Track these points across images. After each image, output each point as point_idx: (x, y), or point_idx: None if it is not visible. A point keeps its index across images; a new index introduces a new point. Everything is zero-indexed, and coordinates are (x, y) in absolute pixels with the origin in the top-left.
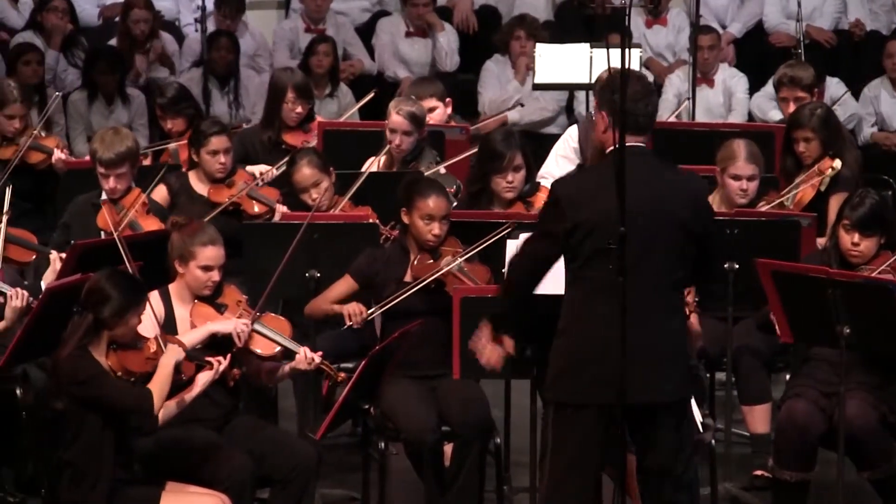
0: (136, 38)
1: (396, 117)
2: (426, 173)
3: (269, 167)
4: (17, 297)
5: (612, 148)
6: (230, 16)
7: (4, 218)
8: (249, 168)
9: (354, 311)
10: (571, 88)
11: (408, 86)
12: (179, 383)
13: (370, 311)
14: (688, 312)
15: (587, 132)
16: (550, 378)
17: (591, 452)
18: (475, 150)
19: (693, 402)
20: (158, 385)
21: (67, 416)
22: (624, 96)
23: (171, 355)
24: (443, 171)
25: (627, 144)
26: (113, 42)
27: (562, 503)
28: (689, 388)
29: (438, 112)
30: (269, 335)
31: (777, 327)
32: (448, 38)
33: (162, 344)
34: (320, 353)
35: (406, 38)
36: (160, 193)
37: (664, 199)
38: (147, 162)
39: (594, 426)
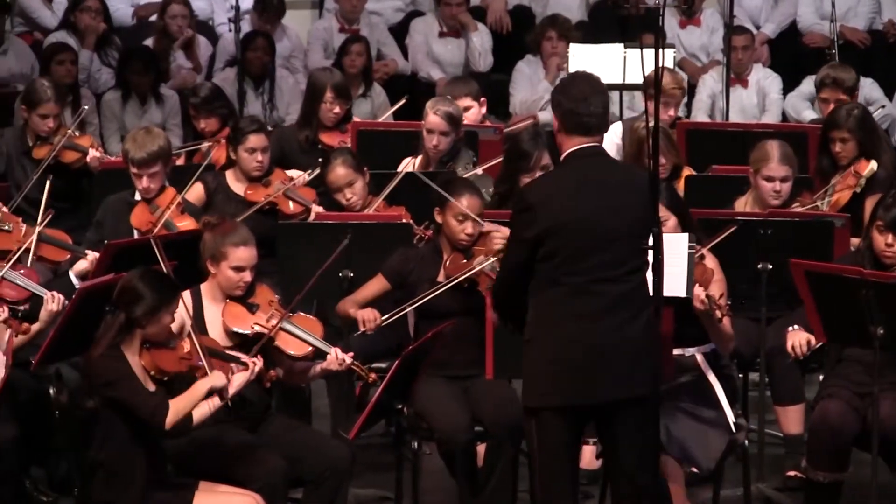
0: (174, 35)
1: (434, 117)
2: (463, 175)
3: (301, 173)
4: (54, 301)
5: (567, 152)
6: (270, 20)
7: (41, 218)
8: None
9: (368, 318)
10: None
11: (442, 86)
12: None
13: (384, 318)
14: (720, 315)
15: (625, 134)
16: (524, 386)
17: (565, 455)
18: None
19: (725, 401)
20: (182, 402)
21: (99, 417)
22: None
23: (211, 381)
24: (480, 172)
25: (580, 146)
26: (148, 42)
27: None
28: (653, 385)
29: (473, 111)
30: (301, 335)
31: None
32: (482, 39)
33: (196, 345)
34: (351, 353)
35: (439, 38)
36: (197, 193)
37: (624, 198)
38: (180, 162)
39: (564, 428)
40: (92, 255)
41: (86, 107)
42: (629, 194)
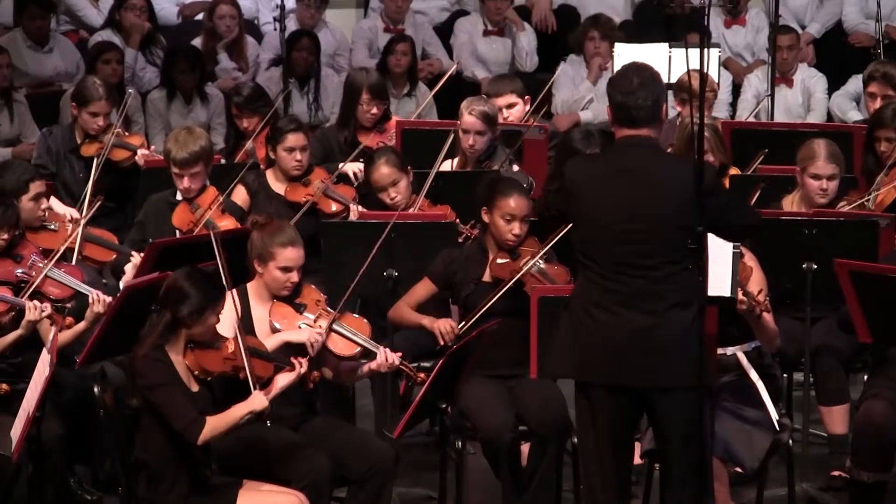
0: (222, 35)
1: (469, 117)
2: (500, 171)
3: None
4: (99, 302)
5: (616, 140)
6: (314, 5)
7: (85, 215)
8: (343, 168)
9: (445, 330)
10: None
11: (486, 83)
12: (262, 382)
13: (461, 326)
14: (759, 312)
15: (668, 131)
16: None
17: (609, 435)
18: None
19: (769, 401)
20: (220, 423)
21: (142, 416)
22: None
23: (251, 405)
24: (516, 168)
25: (625, 135)
26: (195, 41)
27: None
28: (696, 378)
29: (517, 109)
30: (349, 335)
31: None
32: (526, 38)
33: (241, 345)
34: (399, 353)
35: (484, 37)
36: (240, 193)
37: (662, 189)
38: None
39: (609, 406)
40: (136, 258)
41: (130, 90)
42: (671, 187)
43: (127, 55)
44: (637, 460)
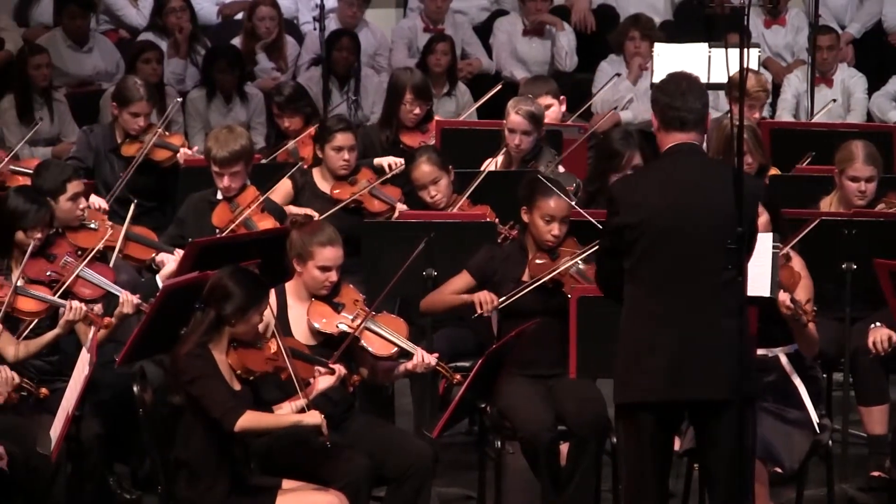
0: (262, 36)
1: (515, 117)
2: (545, 172)
3: (400, 160)
4: (127, 304)
5: (663, 150)
6: (356, 4)
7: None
8: (377, 161)
9: (486, 299)
10: None
11: (522, 84)
12: (303, 383)
13: (502, 300)
14: (806, 321)
15: (713, 131)
16: (615, 380)
17: (652, 453)
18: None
19: (809, 402)
20: (260, 420)
21: (183, 415)
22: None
23: (303, 418)
24: (561, 169)
25: (674, 143)
26: (235, 41)
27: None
28: (748, 388)
29: (553, 110)
30: (386, 335)
31: None
32: (566, 38)
33: (282, 346)
34: (436, 353)
35: (523, 36)
36: (285, 189)
37: (715, 196)
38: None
39: (652, 426)
40: (177, 254)
41: (179, 99)
42: (720, 194)
43: (175, 65)
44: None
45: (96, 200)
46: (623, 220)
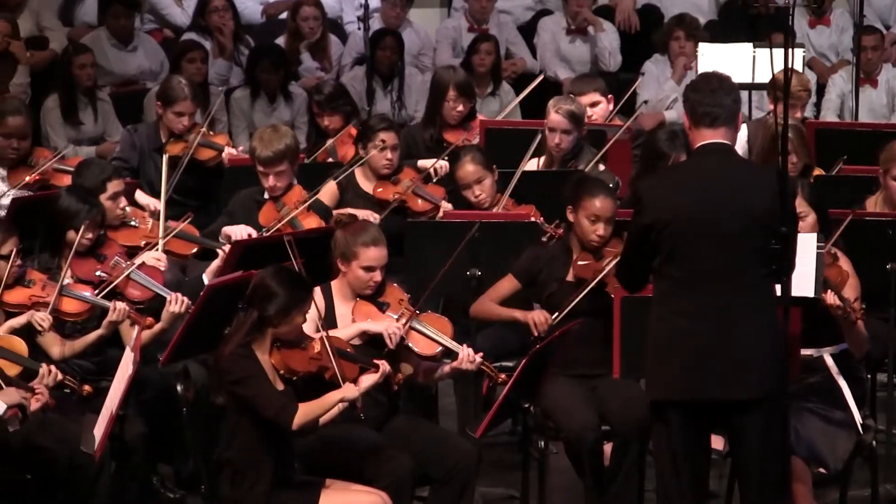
0: (306, 36)
1: (555, 116)
2: (586, 170)
3: (445, 163)
4: (176, 303)
5: (694, 149)
6: (399, 4)
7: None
8: (421, 163)
9: (540, 320)
10: None
11: (569, 83)
12: (346, 380)
13: (554, 317)
14: (854, 318)
15: (758, 130)
16: (646, 377)
17: (682, 450)
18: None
19: (853, 402)
20: (313, 408)
21: (227, 415)
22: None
23: (343, 392)
24: (602, 168)
25: (705, 142)
26: (279, 40)
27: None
28: (777, 386)
29: (601, 107)
30: (430, 334)
31: None
32: (609, 38)
33: (327, 345)
34: (481, 353)
35: (567, 36)
36: (331, 191)
37: (744, 195)
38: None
39: (681, 424)
40: (223, 254)
41: (221, 88)
42: (750, 193)
43: (219, 65)
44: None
45: (150, 201)
46: (649, 218)
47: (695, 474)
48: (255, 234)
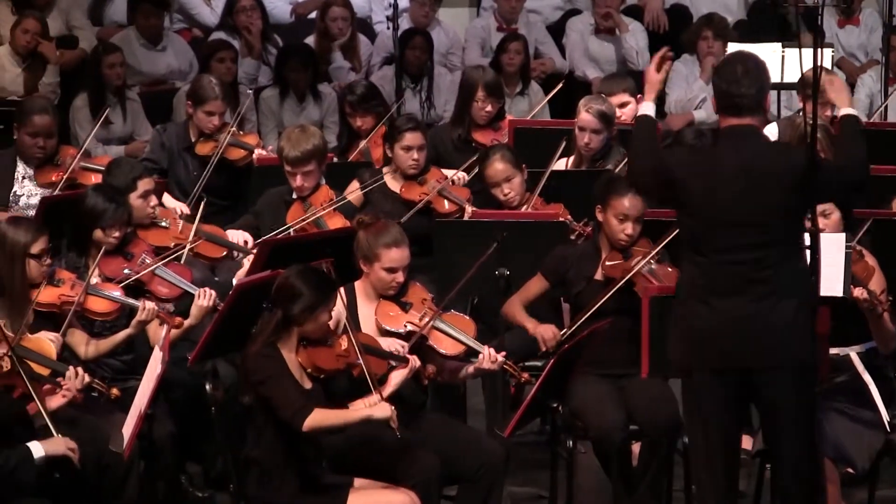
0: (335, 36)
1: (586, 115)
2: (615, 170)
3: (463, 174)
4: (204, 297)
5: (722, 128)
6: (428, 3)
7: (196, 215)
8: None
9: (547, 336)
10: None
11: (598, 82)
12: (376, 378)
13: (563, 332)
14: (881, 311)
15: (786, 128)
16: (671, 348)
17: (718, 418)
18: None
19: (881, 401)
20: (333, 416)
21: (254, 414)
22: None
23: (373, 412)
24: None
25: (730, 125)
26: (308, 40)
27: (704, 473)
28: (805, 355)
29: (630, 107)
30: (453, 334)
31: None
32: (636, 38)
33: (354, 342)
34: (503, 353)
35: (595, 35)
36: (355, 193)
37: (762, 181)
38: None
39: (715, 394)
40: (250, 257)
41: (250, 90)
42: (775, 176)
43: (248, 64)
44: (745, 444)
45: (178, 206)
46: (680, 197)
47: (727, 450)
48: (251, 241)
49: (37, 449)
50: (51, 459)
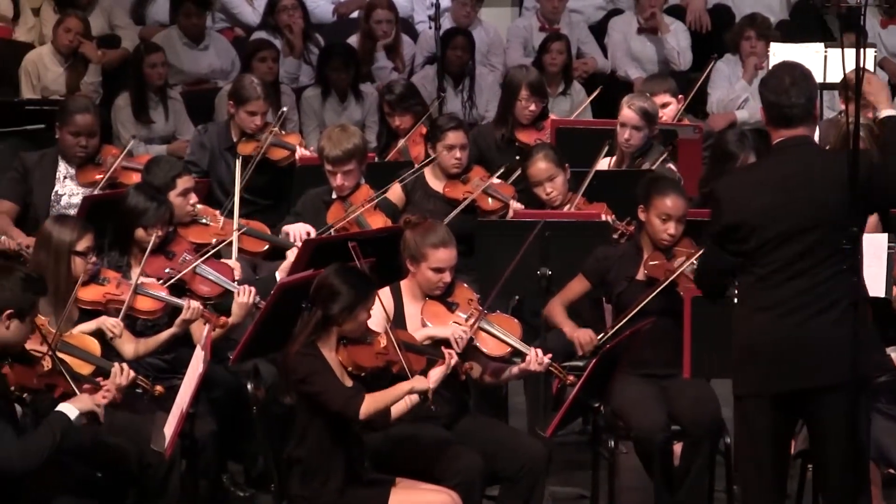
0: (379, 38)
1: (627, 111)
2: (652, 168)
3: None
4: (245, 294)
5: (773, 144)
6: (470, 3)
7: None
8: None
9: (584, 341)
10: None
11: (640, 83)
12: (416, 375)
13: (600, 338)
14: None
15: (830, 129)
16: (733, 373)
17: (769, 444)
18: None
19: None
20: (381, 397)
21: (297, 414)
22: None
23: (412, 383)
24: (672, 167)
25: (782, 137)
26: (351, 39)
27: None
28: (858, 373)
29: (671, 108)
30: (499, 335)
31: None
32: (677, 38)
33: (393, 340)
34: (549, 354)
35: (637, 35)
36: (396, 192)
37: (822, 190)
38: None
39: (769, 417)
40: (293, 253)
41: (292, 88)
42: (831, 186)
43: (289, 64)
44: None
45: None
46: (728, 220)
47: (777, 470)
48: (314, 233)
49: (70, 410)
50: (86, 415)
